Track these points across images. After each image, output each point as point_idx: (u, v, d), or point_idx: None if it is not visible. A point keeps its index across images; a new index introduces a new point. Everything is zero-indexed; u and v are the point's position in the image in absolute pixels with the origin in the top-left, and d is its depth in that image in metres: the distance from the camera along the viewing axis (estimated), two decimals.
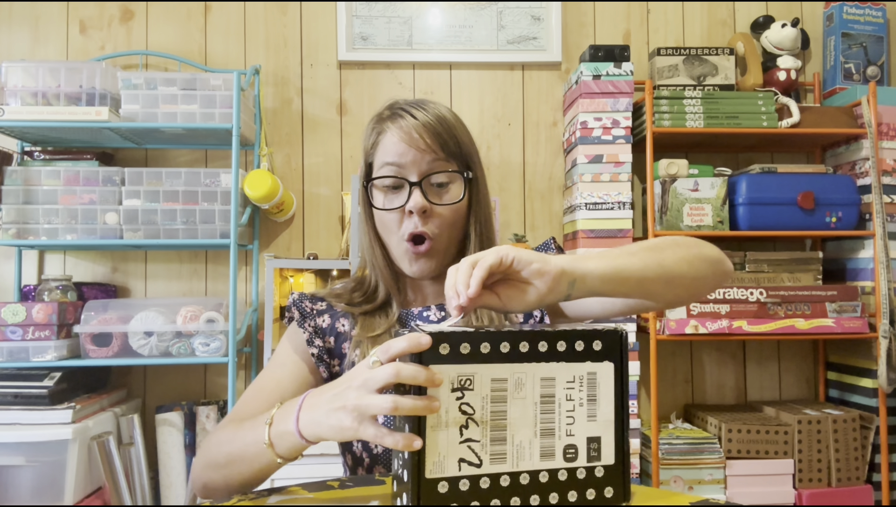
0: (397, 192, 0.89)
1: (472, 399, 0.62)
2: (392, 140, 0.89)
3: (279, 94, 2.22)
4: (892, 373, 1.92)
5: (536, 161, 2.27)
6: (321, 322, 0.95)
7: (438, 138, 0.88)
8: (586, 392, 0.66)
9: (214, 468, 0.81)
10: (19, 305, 1.80)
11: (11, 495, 1.69)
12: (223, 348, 1.89)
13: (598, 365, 0.66)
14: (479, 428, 0.62)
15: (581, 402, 0.66)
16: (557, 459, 0.65)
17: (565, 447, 0.65)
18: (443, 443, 0.61)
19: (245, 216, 2.01)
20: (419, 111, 0.89)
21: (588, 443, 0.66)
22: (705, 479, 1.92)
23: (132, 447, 1.88)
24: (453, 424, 0.62)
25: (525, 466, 0.64)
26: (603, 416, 0.67)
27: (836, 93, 2.20)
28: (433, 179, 0.89)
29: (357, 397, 0.62)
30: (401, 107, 0.91)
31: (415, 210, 0.87)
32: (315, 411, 0.68)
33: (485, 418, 0.63)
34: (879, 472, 1.98)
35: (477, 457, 0.62)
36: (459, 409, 0.62)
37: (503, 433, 0.63)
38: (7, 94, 1.87)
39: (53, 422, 1.71)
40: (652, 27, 2.31)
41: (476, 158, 0.94)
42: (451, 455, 0.61)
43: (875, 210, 1.99)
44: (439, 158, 0.88)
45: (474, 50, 2.24)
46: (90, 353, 1.85)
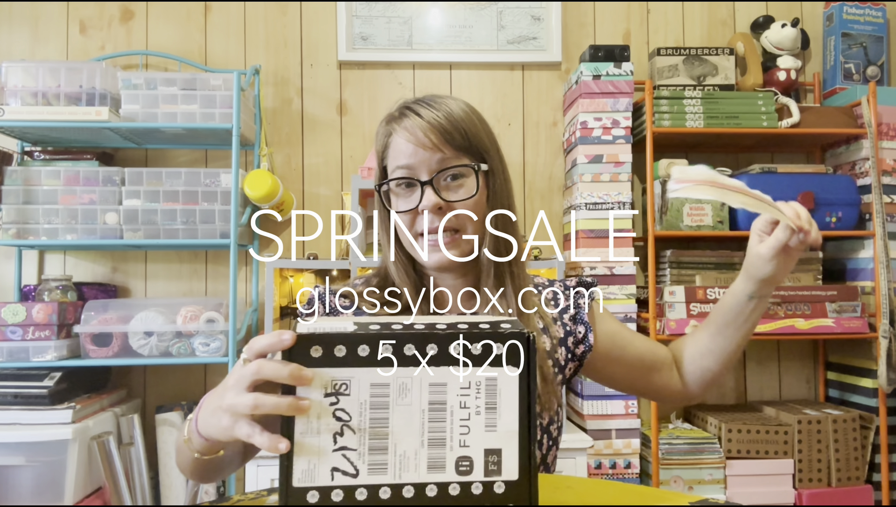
0: (410, 192, 0.89)
1: (348, 405, 0.57)
2: (400, 142, 0.88)
3: (279, 94, 2.22)
4: (892, 373, 1.92)
5: (536, 161, 2.27)
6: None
7: (445, 135, 0.86)
8: (484, 400, 0.60)
9: (175, 455, 0.81)
10: (19, 305, 1.80)
11: (11, 495, 1.69)
12: (223, 348, 1.89)
13: (499, 370, 0.60)
14: (355, 436, 0.58)
15: (478, 410, 0.60)
16: (448, 471, 0.59)
17: (458, 459, 0.59)
18: (313, 450, 0.57)
19: (245, 216, 2.01)
20: (426, 109, 0.88)
21: (486, 455, 0.59)
22: (705, 479, 1.92)
23: (132, 447, 1.88)
24: (326, 430, 0.57)
25: (409, 478, 0.58)
26: (504, 426, 0.60)
27: (836, 93, 2.20)
28: (444, 176, 0.87)
29: (230, 397, 0.61)
30: (408, 106, 0.91)
31: (428, 209, 0.86)
32: (205, 410, 0.67)
33: (362, 425, 0.58)
34: (879, 472, 1.98)
35: (353, 466, 0.57)
36: (333, 415, 0.57)
37: (384, 442, 0.58)
38: (7, 94, 1.87)
39: (53, 422, 1.71)
40: (652, 27, 2.31)
41: (492, 149, 0.92)
42: (323, 464, 0.57)
43: (875, 210, 1.99)
44: (448, 154, 0.87)
45: (474, 50, 2.24)
46: (90, 353, 1.85)
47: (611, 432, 1.97)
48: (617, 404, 1.97)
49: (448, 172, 0.87)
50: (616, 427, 1.97)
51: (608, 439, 1.96)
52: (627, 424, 1.97)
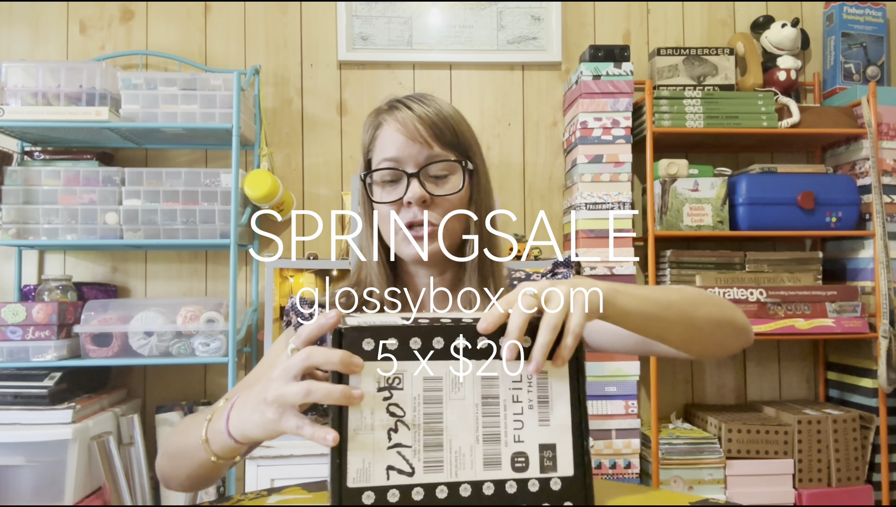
0: (396, 185, 0.88)
1: (401, 400, 0.55)
2: (389, 133, 0.87)
3: (279, 94, 2.22)
4: (892, 373, 1.92)
5: (536, 161, 2.27)
6: None
7: (435, 129, 0.86)
8: (536, 393, 0.58)
9: (166, 457, 0.80)
10: (19, 305, 1.80)
11: (11, 495, 1.69)
12: (223, 348, 1.89)
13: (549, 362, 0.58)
14: (410, 432, 0.55)
15: (531, 404, 0.58)
16: (504, 468, 0.57)
17: (513, 455, 0.57)
18: (367, 448, 0.54)
19: (245, 216, 2.01)
20: (416, 104, 0.88)
21: (541, 451, 0.58)
22: (705, 479, 1.92)
23: (132, 447, 1.88)
24: (380, 427, 0.55)
25: (466, 476, 0.56)
26: (557, 420, 0.58)
27: (836, 93, 2.20)
28: (431, 170, 0.87)
29: (276, 387, 0.59)
30: (398, 100, 0.90)
31: (413, 201, 0.85)
32: (242, 409, 0.66)
33: (417, 421, 0.55)
34: (879, 472, 1.98)
35: (408, 464, 0.55)
36: (387, 410, 0.55)
37: (439, 438, 0.56)
38: (7, 94, 1.87)
39: (53, 422, 1.71)
40: (652, 27, 2.31)
41: (476, 149, 0.92)
42: (377, 462, 0.55)
43: (875, 210, 1.99)
44: (437, 148, 0.86)
45: (474, 50, 2.24)
46: (90, 353, 1.85)
47: (611, 432, 1.97)
48: (617, 404, 1.97)
49: (436, 165, 0.87)
50: (616, 427, 1.97)
51: (608, 439, 1.96)
52: (627, 424, 1.97)
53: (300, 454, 1.68)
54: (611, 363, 1.98)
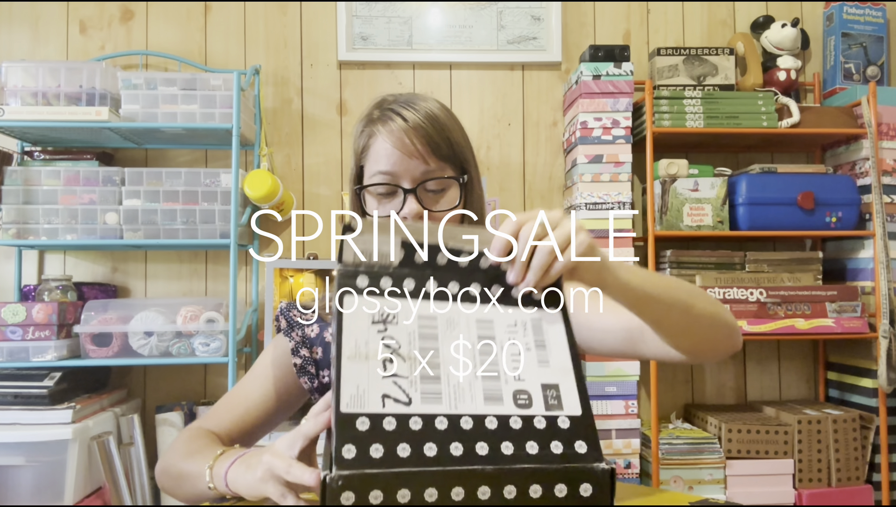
0: (391, 198, 0.86)
1: (396, 334, 0.54)
2: (383, 146, 0.85)
3: (279, 94, 2.22)
4: (892, 373, 1.92)
5: (536, 161, 2.27)
6: (309, 332, 0.93)
7: (431, 142, 0.84)
8: (532, 337, 0.58)
9: (168, 477, 0.84)
10: (19, 305, 1.80)
11: (11, 495, 1.69)
12: (223, 348, 1.89)
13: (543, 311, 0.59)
14: (406, 364, 0.54)
15: (528, 347, 0.57)
16: (507, 404, 0.54)
17: (515, 392, 0.55)
18: (361, 376, 0.52)
19: (245, 216, 2.01)
20: (409, 111, 0.85)
21: (544, 390, 0.56)
22: (705, 479, 1.92)
23: (132, 447, 1.88)
24: (374, 355, 0.53)
25: (466, 409, 0.53)
26: (557, 363, 0.57)
27: (836, 93, 2.19)
28: (428, 186, 0.85)
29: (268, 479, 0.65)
30: (390, 107, 0.87)
31: (410, 217, 0.84)
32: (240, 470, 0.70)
33: (412, 354, 0.54)
34: (879, 472, 1.98)
35: (405, 394, 0.53)
36: (381, 342, 0.54)
37: (436, 372, 0.54)
38: (7, 94, 1.87)
39: (53, 422, 1.71)
40: (652, 27, 2.31)
41: (470, 156, 0.91)
42: (372, 390, 0.52)
43: (875, 210, 1.99)
44: (433, 164, 0.85)
45: (474, 50, 2.24)
46: (90, 353, 1.85)
47: (611, 432, 1.97)
48: (617, 404, 1.97)
49: (431, 183, 0.85)
50: (616, 427, 1.97)
51: (608, 439, 1.96)
52: (627, 424, 1.97)
53: None
54: (611, 364, 1.98)
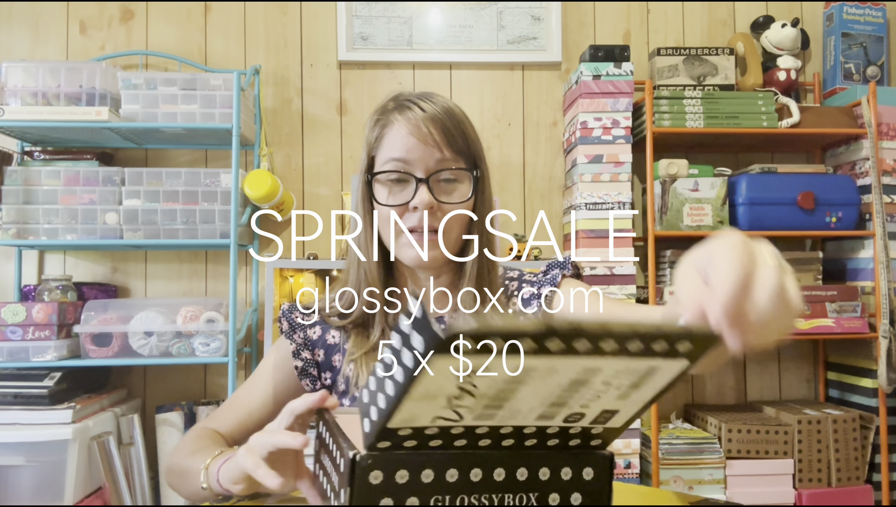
0: (402, 186, 0.86)
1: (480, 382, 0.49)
2: (399, 133, 0.85)
3: (279, 94, 2.22)
4: (892, 373, 1.92)
5: (536, 161, 2.27)
6: (311, 334, 0.92)
7: (447, 134, 0.84)
8: (630, 380, 0.51)
9: (173, 475, 0.84)
10: (19, 305, 1.80)
11: (11, 495, 1.69)
12: (223, 348, 1.89)
13: (666, 362, 0.49)
14: (474, 399, 0.49)
15: (619, 387, 0.51)
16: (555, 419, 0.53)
17: (570, 414, 0.53)
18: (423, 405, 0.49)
19: (245, 216, 2.01)
20: (427, 103, 0.86)
21: (601, 413, 0.54)
22: (705, 479, 1.92)
23: (132, 447, 1.88)
24: (442, 395, 0.49)
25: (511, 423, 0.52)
26: (637, 398, 0.52)
27: (836, 93, 2.20)
28: (441, 176, 0.85)
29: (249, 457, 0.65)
30: (407, 98, 0.87)
31: (421, 207, 0.83)
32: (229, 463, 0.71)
33: (486, 393, 0.49)
34: (879, 472, 1.98)
35: (457, 414, 0.50)
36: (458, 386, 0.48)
37: (502, 402, 0.50)
38: (7, 94, 1.87)
39: (53, 422, 1.71)
40: (652, 27, 2.31)
41: (482, 154, 0.91)
42: (427, 413, 0.50)
43: (875, 210, 1.99)
44: (448, 154, 0.85)
45: (474, 50, 2.24)
46: (90, 353, 1.85)
47: None
48: None
49: (446, 172, 0.85)
50: None
51: None
52: None
53: None
54: None
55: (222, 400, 2.07)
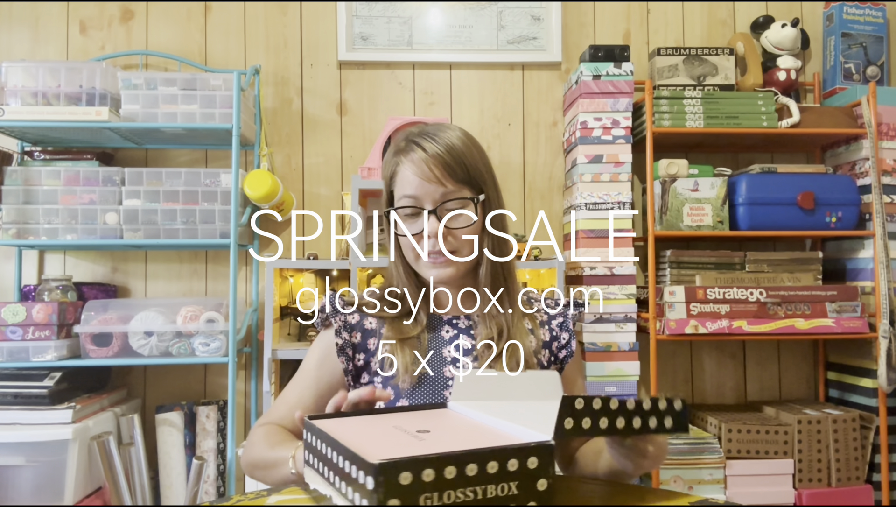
0: (416, 218, 1.00)
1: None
2: (407, 174, 0.99)
3: (279, 94, 2.22)
4: (892, 373, 1.92)
5: (536, 161, 2.27)
6: (350, 319, 1.05)
7: (448, 169, 0.97)
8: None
9: (257, 468, 0.95)
10: (19, 305, 1.80)
11: (11, 495, 1.69)
12: (223, 348, 1.89)
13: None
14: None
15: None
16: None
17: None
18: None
19: (245, 216, 2.01)
20: (429, 142, 0.98)
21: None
22: (705, 479, 1.92)
23: (132, 447, 1.88)
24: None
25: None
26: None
27: (836, 93, 2.19)
28: (447, 207, 0.98)
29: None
30: (413, 139, 1.00)
31: (431, 235, 0.98)
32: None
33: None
34: (879, 472, 1.98)
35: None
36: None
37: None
38: (7, 94, 1.87)
39: (53, 422, 1.71)
40: (652, 27, 2.31)
41: (488, 178, 1.02)
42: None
43: (875, 210, 1.99)
44: (450, 187, 0.98)
45: (474, 50, 2.24)
46: (90, 353, 1.85)
47: None
48: None
49: (450, 203, 0.98)
50: None
51: None
52: None
53: None
54: (611, 363, 1.98)
55: (222, 400, 2.07)
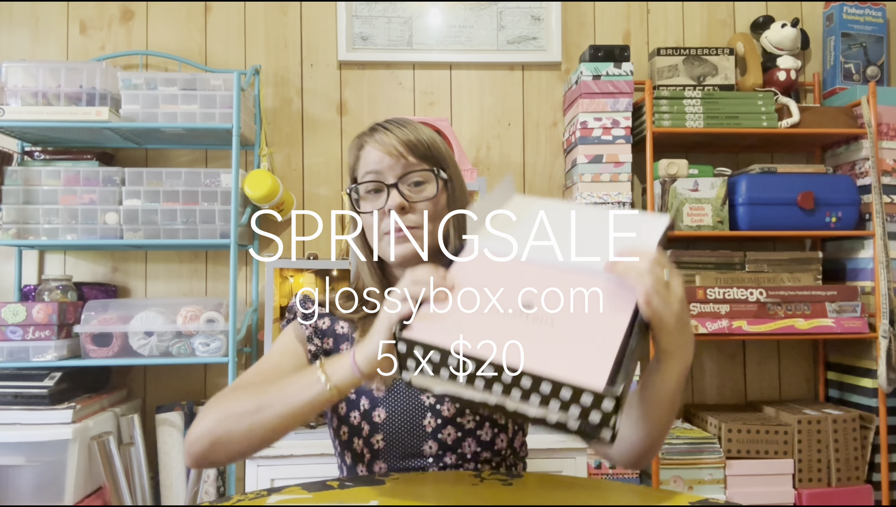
0: (378, 195, 0.98)
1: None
2: (370, 151, 0.98)
3: (279, 94, 2.22)
4: (892, 373, 1.92)
5: (536, 161, 2.27)
6: (321, 324, 1.02)
7: (410, 144, 0.97)
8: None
9: (239, 418, 0.82)
10: (19, 305, 1.80)
11: (11, 495, 1.69)
12: (223, 348, 1.89)
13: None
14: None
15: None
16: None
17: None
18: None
19: (245, 216, 2.01)
20: (395, 126, 0.99)
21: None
22: (705, 479, 1.92)
23: (132, 447, 1.88)
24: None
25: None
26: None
27: (836, 93, 2.20)
28: (408, 179, 0.97)
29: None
30: (379, 124, 1.01)
31: (393, 208, 0.95)
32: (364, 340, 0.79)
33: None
34: (879, 472, 1.98)
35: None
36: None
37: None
38: (7, 94, 1.87)
39: (53, 422, 1.71)
40: (652, 27, 2.31)
41: (451, 165, 1.02)
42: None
43: (875, 210, 1.99)
44: (412, 160, 0.97)
45: (474, 50, 2.24)
46: (90, 353, 1.85)
47: None
48: None
49: (412, 175, 0.97)
50: None
51: None
52: None
53: (300, 453, 1.68)
54: None
55: None
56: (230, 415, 0.83)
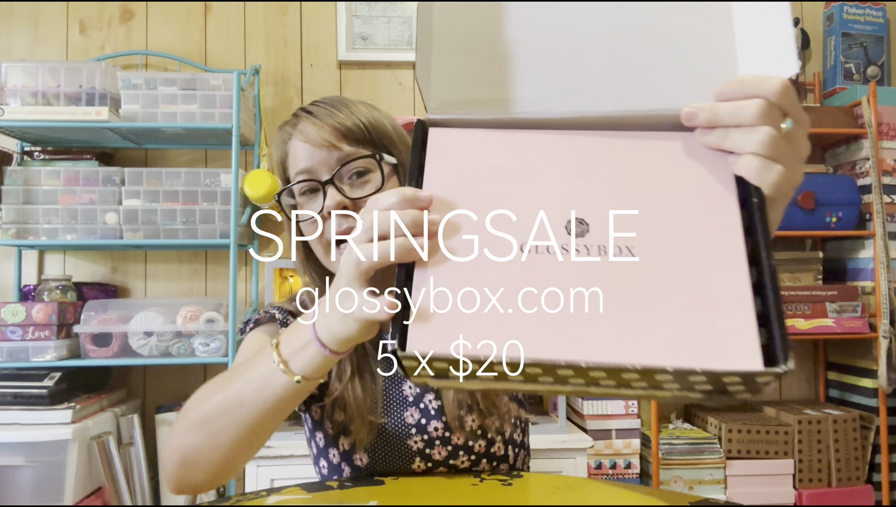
0: (314, 196, 0.81)
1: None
2: (296, 146, 0.82)
3: (279, 94, 2.22)
4: (892, 373, 1.92)
5: None
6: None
7: (341, 128, 0.80)
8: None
9: (200, 426, 0.66)
10: (19, 305, 1.80)
11: (11, 495, 1.69)
12: (223, 348, 1.89)
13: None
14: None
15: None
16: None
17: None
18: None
19: (245, 216, 2.01)
20: (317, 107, 0.83)
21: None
22: (705, 479, 1.92)
23: (132, 447, 1.88)
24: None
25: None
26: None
27: (837, 93, 2.19)
28: (346, 172, 0.80)
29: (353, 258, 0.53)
30: (302, 108, 0.85)
31: (332, 209, 0.78)
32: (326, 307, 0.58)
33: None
34: (879, 472, 1.98)
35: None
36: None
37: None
38: (7, 94, 1.87)
39: (53, 422, 1.71)
40: None
41: (400, 142, 0.84)
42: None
43: (875, 210, 1.99)
44: (347, 149, 0.79)
45: None
46: (90, 353, 1.85)
47: (611, 432, 1.97)
48: (617, 404, 1.97)
49: (348, 166, 0.79)
50: (616, 427, 1.97)
51: (608, 439, 1.96)
52: (627, 424, 1.97)
53: (300, 453, 1.68)
54: None
55: None
56: (191, 425, 0.67)
